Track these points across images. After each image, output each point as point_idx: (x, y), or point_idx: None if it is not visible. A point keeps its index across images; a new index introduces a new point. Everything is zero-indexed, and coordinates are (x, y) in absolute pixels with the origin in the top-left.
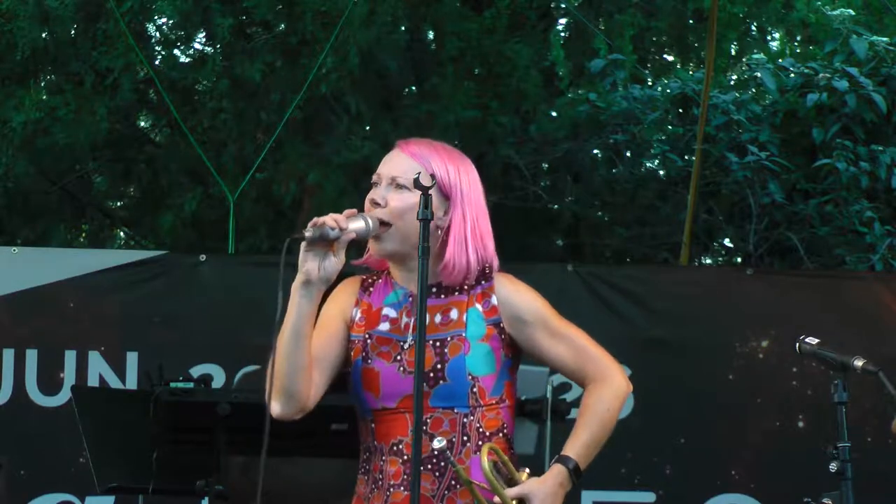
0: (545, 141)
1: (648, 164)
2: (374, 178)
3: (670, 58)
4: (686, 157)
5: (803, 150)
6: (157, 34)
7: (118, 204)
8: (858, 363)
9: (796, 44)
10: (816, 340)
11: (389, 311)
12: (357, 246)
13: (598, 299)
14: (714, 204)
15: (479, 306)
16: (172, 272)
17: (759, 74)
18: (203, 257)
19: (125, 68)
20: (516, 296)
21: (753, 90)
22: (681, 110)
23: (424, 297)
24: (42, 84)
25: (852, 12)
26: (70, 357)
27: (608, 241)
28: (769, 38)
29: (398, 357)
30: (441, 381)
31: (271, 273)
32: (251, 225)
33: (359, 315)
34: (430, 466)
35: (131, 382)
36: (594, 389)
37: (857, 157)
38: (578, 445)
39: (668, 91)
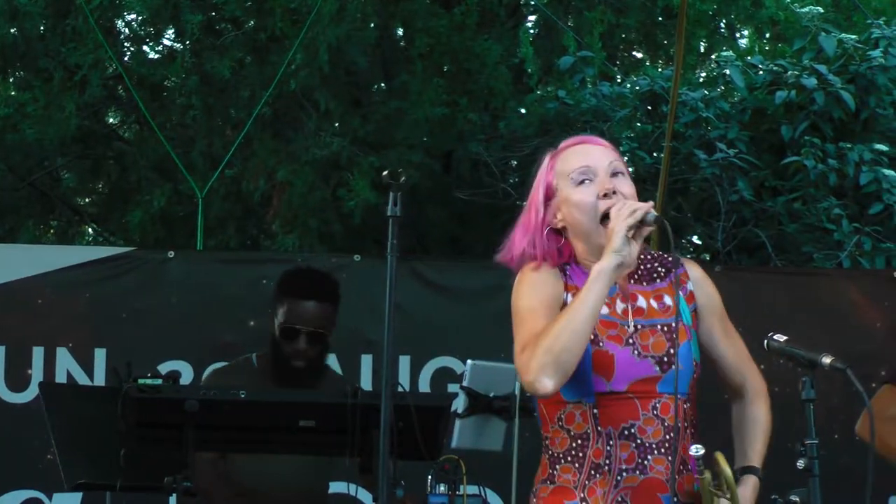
0: (514, 138)
1: None
2: (582, 173)
3: (639, 55)
4: (655, 155)
5: (772, 147)
6: (127, 30)
7: (87, 200)
8: (826, 360)
9: (765, 41)
10: (784, 337)
11: None
12: None
13: None
14: (683, 201)
15: (681, 293)
16: (141, 269)
17: (727, 72)
18: (171, 254)
19: (94, 64)
20: (708, 284)
21: (722, 87)
22: (650, 107)
23: (392, 296)
24: (11, 80)
25: (821, 10)
26: (38, 353)
27: None
28: (738, 35)
29: (630, 340)
30: (673, 366)
31: (239, 270)
32: (220, 221)
33: (572, 299)
34: (663, 451)
35: (99, 379)
36: (758, 402)
37: (825, 154)
38: (758, 454)
39: (637, 88)
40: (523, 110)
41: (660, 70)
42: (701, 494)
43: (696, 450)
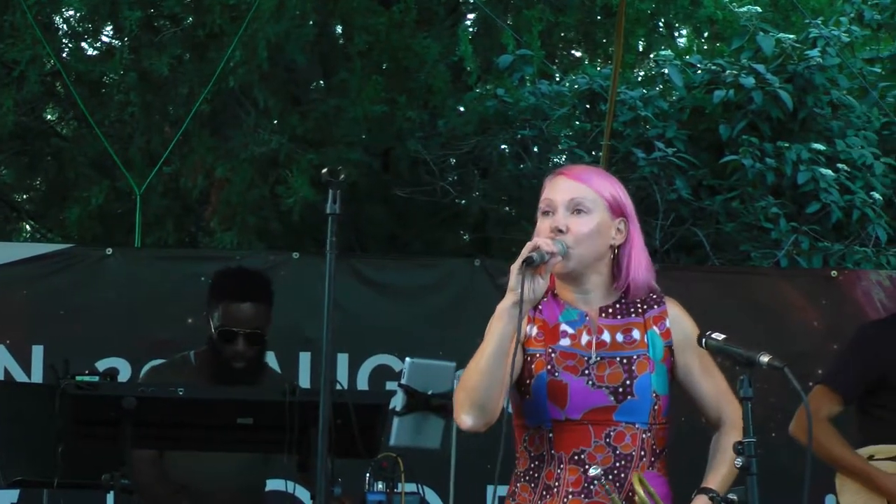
0: (453, 136)
1: (556, 160)
2: (545, 205)
3: (578, 54)
4: (593, 153)
5: (710, 146)
6: (65, 26)
7: (24, 197)
8: (764, 359)
9: (703, 40)
10: (722, 336)
11: (568, 328)
12: None
13: (505, 294)
14: None
15: (655, 329)
16: (79, 265)
17: (666, 71)
18: (109, 251)
19: (32, 60)
20: (687, 322)
21: (661, 86)
22: (588, 106)
23: (331, 293)
24: None
25: (759, 9)
26: None
27: (515, 236)
28: (677, 34)
29: (586, 371)
30: (629, 397)
31: (178, 267)
32: (158, 218)
33: (535, 331)
34: (610, 477)
35: (37, 376)
36: (731, 433)
37: (763, 153)
38: (718, 479)
39: (576, 87)
40: (462, 108)
41: (598, 69)
42: None
43: (594, 469)
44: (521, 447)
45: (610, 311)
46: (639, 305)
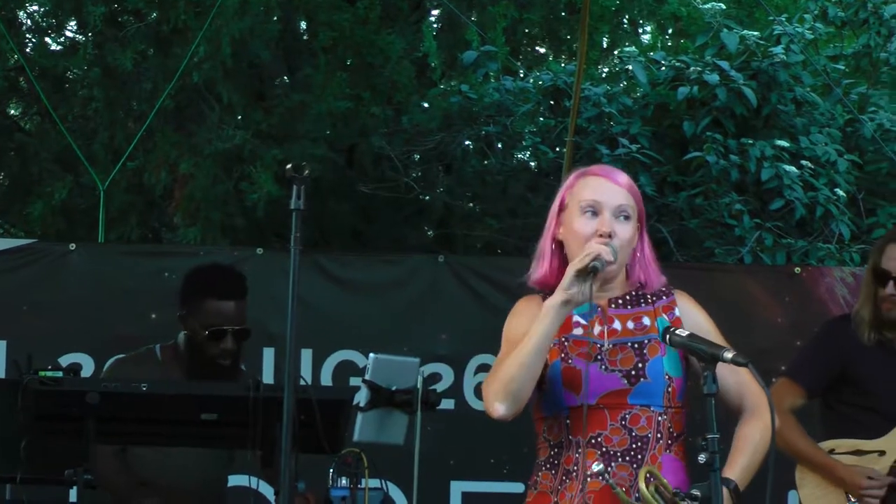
0: (417, 132)
1: (520, 156)
2: (590, 206)
3: (542, 50)
4: (557, 149)
5: (674, 142)
6: (29, 21)
7: None
8: (728, 355)
9: (668, 37)
10: (686, 332)
11: (580, 320)
12: None
13: (469, 290)
14: None
15: (665, 317)
16: (42, 261)
17: (630, 67)
18: (73, 246)
19: None
20: (698, 312)
21: (625, 83)
22: (552, 102)
23: (295, 289)
24: None
25: (723, 6)
26: None
27: (479, 232)
28: (641, 31)
29: (598, 357)
30: (642, 380)
31: (141, 262)
32: (122, 214)
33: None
34: (628, 458)
35: None
36: (751, 421)
37: (727, 150)
38: (738, 469)
39: (540, 83)
40: (426, 104)
41: (563, 65)
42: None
43: (597, 465)
44: (541, 438)
45: (620, 301)
46: (648, 296)
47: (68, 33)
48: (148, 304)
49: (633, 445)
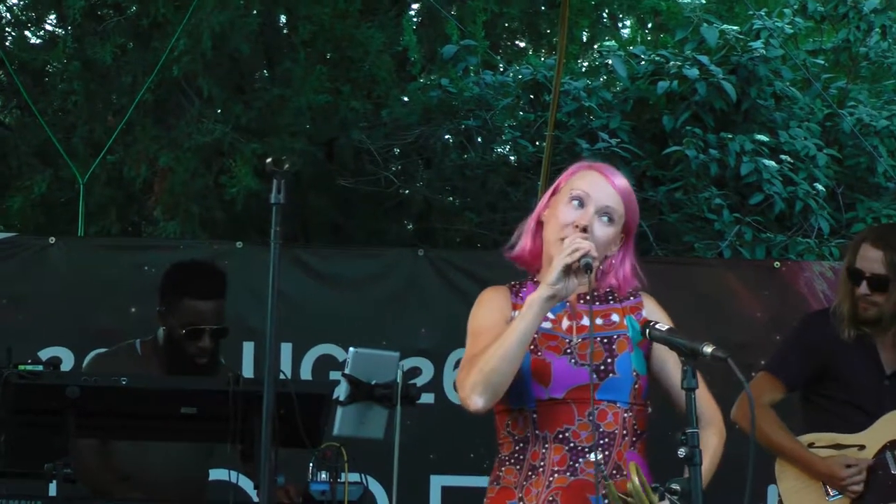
0: (397, 126)
1: (499, 150)
2: (578, 195)
3: (522, 44)
4: (537, 144)
5: (653, 137)
6: (8, 15)
7: None
8: (708, 349)
9: (647, 31)
10: (666, 326)
11: (548, 314)
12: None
13: (449, 284)
14: None
15: (633, 315)
16: (21, 254)
17: (610, 62)
18: (52, 240)
19: None
20: (661, 315)
21: (605, 77)
22: (532, 97)
23: (275, 283)
24: None
25: (703, 1)
26: None
27: (459, 226)
28: (621, 25)
29: (567, 350)
30: (611, 374)
31: (121, 256)
32: (101, 208)
33: (518, 315)
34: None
35: None
36: (709, 430)
37: (706, 144)
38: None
39: (520, 77)
40: (406, 98)
41: (542, 59)
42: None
43: (594, 456)
44: (503, 432)
45: (588, 297)
46: (616, 295)
47: (48, 27)
48: (128, 297)
49: (601, 441)
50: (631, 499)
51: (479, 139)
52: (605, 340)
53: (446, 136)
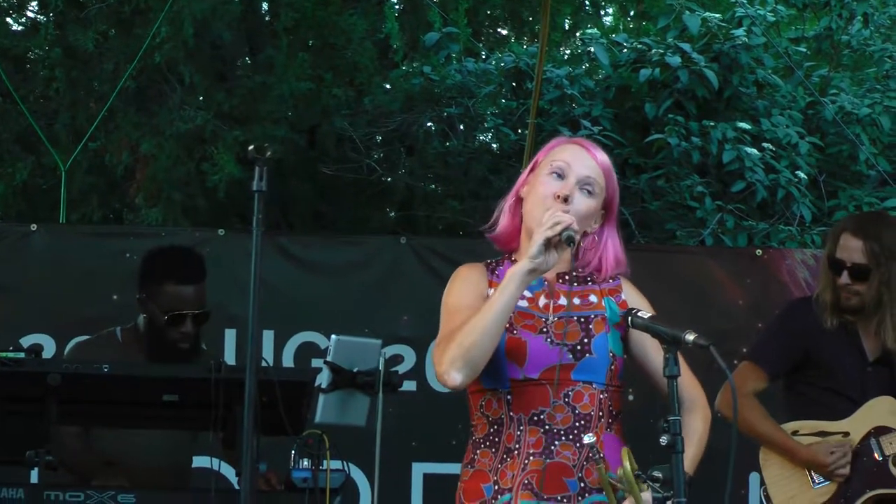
0: (379, 113)
1: (482, 138)
2: (559, 167)
3: (504, 32)
4: (519, 131)
5: (636, 125)
6: None
7: None
8: (690, 337)
9: (630, 19)
10: (648, 314)
11: (525, 292)
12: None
13: (431, 272)
14: None
15: (612, 297)
16: (3, 241)
17: (592, 49)
18: (34, 227)
19: None
20: (641, 300)
21: (587, 65)
22: (514, 84)
23: (257, 270)
24: None
25: None
26: None
27: (441, 213)
28: (603, 13)
29: (544, 329)
30: (587, 355)
31: (103, 243)
32: (83, 195)
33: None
34: (571, 437)
35: None
36: (693, 413)
37: (688, 132)
38: (688, 461)
39: (502, 65)
40: (388, 86)
41: (525, 47)
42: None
43: (589, 438)
44: (477, 413)
45: (567, 277)
46: (596, 276)
47: (29, 13)
48: (110, 284)
49: (577, 424)
50: (621, 484)
51: (462, 127)
52: (582, 320)
53: (428, 124)
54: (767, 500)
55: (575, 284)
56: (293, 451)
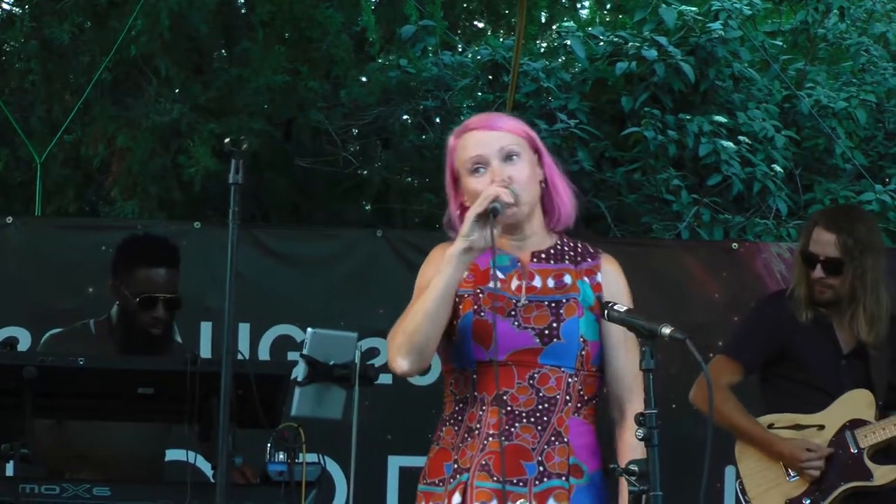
0: (355, 106)
1: None
2: (474, 163)
3: (481, 25)
4: None
5: (612, 118)
6: None
7: None
8: (666, 330)
9: (606, 12)
10: (624, 307)
11: (498, 273)
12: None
13: (407, 265)
14: None
15: (586, 279)
16: None
17: (568, 42)
18: (9, 219)
19: None
20: (619, 281)
21: (563, 58)
22: (491, 77)
23: (233, 263)
24: None
25: None
26: None
27: (417, 207)
28: (579, 6)
29: (512, 313)
30: (555, 340)
31: (78, 236)
32: (59, 187)
33: (466, 273)
34: (532, 420)
35: None
36: (633, 429)
37: (664, 125)
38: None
39: (479, 58)
40: (364, 79)
41: (501, 40)
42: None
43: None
44: (447, 391)
45: (543, 255)
46: (573, 255)
47: (5, 6)
48: (85, 277)
49: (540, 406)
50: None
51: (438, 120)
52: (553, 304)
53: (405, 117)
54: (743, 493)
55: (551, 262)
56: (269, 445)
